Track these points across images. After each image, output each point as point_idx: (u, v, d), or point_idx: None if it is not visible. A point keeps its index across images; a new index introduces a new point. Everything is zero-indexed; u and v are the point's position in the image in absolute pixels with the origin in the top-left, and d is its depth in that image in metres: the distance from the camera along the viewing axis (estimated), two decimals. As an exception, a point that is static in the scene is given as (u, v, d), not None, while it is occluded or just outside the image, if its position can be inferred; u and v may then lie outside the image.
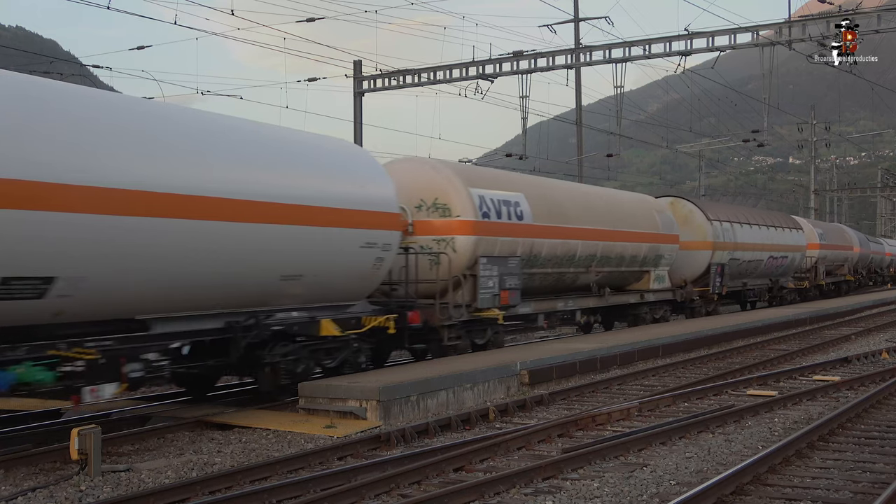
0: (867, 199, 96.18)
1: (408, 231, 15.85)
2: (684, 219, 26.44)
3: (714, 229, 26.85)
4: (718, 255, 26.93)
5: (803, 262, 36.18)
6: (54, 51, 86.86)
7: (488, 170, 20.48)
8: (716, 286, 26.84)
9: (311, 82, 33.21)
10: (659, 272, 24.00)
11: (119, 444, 10.58)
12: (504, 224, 17.25)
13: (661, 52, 27.87)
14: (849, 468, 9.09)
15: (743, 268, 29.30)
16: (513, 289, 17.15)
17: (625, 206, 22.95)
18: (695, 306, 26.62)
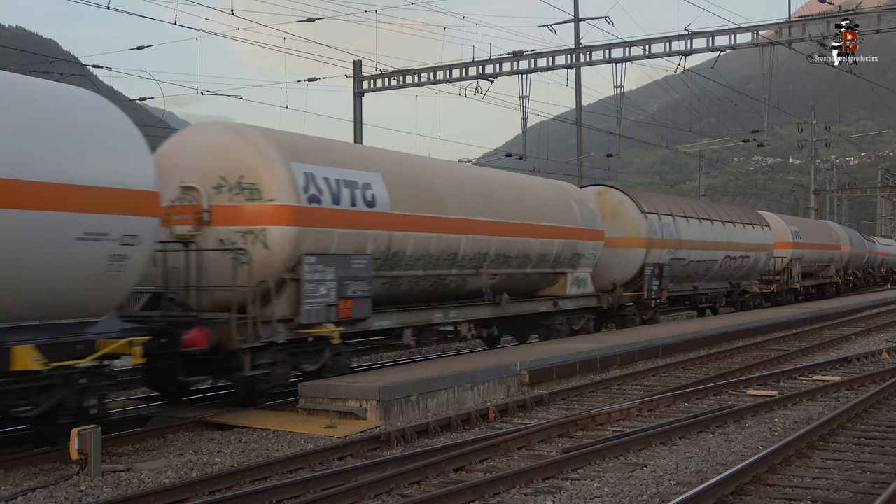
0: (867, 199, 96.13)
1: (202, 220, 12.32)
2: (613, 211, 22.86)
3: (649, 224, 23.10)
4: (655, 254, 23.35)
5: (771, 263, 32.55)
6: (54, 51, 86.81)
7: (327, 140, 14.91)
8: (652, 290, 23.17)
9: (312, 82, 33.22)
10: (578, 274, 20.24)
11: (119, 444, 10.57)
12: (345, 212, 13.31)
13: (661, 52, 27.87)
14: (849, 468, 9.09)
15: (691, 269, 25.85)
16: (359, 297, 13.31)
17: (531, 195, 18.91)
18: (626, 314, 22.87)
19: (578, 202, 20.41)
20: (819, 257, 39.02)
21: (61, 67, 31.82)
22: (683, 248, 24.84)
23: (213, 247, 12.23)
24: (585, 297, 20.71)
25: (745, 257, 29.16)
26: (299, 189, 12.57)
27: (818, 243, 38.92)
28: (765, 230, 31.39)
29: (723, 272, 28.07)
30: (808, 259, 37.14)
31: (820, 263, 39.56)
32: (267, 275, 12.23)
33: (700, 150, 57.08)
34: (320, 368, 13.28)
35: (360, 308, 13.42)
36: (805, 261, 36.39)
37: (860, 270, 49.78)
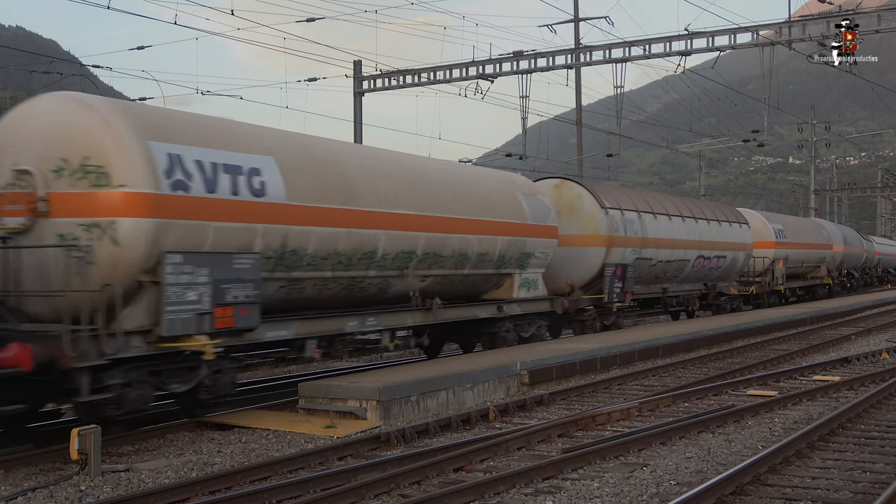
0: (867, 199, 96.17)
1: (35, 210, 10.24)
2: (570, 206, 20.78)
3: (610, 220, 21.07)
4: (617, 254, 21.32)
5: (751, 264, 30.55)
6: (54, 51, 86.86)
7: (205, 117, 12.82)
8: (613, 293, 20.98)
9: (312, 82, 33.22)
10: (528, 276, 18.16)
11: (119, 444, 10.57)
12: (224, 202, 11.22)
13: (661, 52, 27.86)
14: (849, 468, 9.09)
15: (659, 270, 23.77)
16: (243, 303, 11.17)
17: (471, 186, 16.73)
18: (585, 319, 20.87)
19: (528, 195, 18.28)
20: (807, 257, 36.86)
21: (61, 67, 31.84)
22: (650, 246, 22.87)
23: (52, 242, 10.17)
24: (536, 301, 18.58)
25: (720, 257, 27.15)
26: (159, 173, 10.39)
27: (805, 242, 36.66)
28: (743, 228, 29.43)
29: (696, 273, 26.12)
30: (795, 259, 34.92)
31: (808, 264, 37.47)
32: (118, 277, 10.11)
33: (700, 150, 57.10)
34: (194, 388, 11.17)
35: (244, 316, 11.17)
36: (791, 261, 34.28)
37: (858, 270, 48.36)
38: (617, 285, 21.11)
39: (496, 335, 17.45)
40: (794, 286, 36.17)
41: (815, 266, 38.67)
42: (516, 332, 18.02)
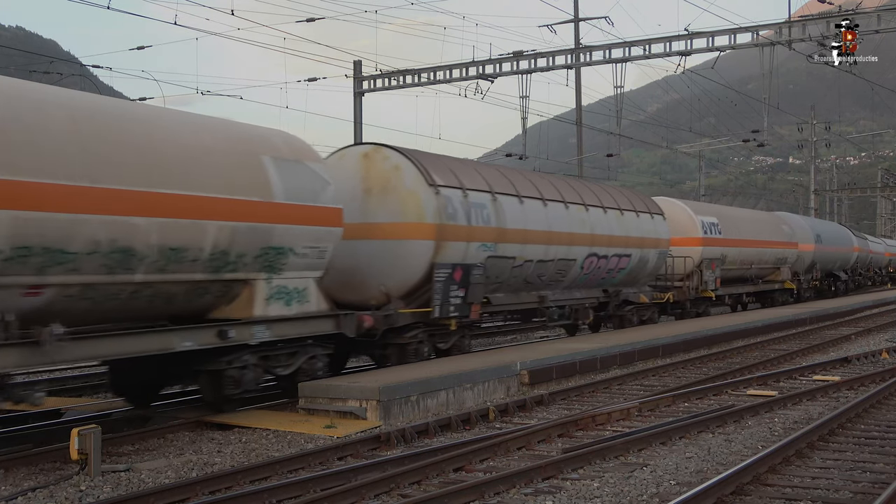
0: (867, 199, 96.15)
1: None
2: (383, 182, 15.13)
3: (442, 202, 15.15)
4: (454, 250, 15.38)
5: (668, 265, 25.22)
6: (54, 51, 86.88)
7: None
8: (449, 305, 15.25)
9: (311, 82, 33.25)
10: (285, 283, 12.41)
11: (119, 444, 10.57)
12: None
13: (661, 52, 27.88)
14: (849, 468, 9.09)
15: (530, 272, 17.92)
16: None
17: (160, 143, 10.83)
18: (407, 343, 14.83)
19: (283, 162, 12.45)
20: (757, 257, 31.02)
21: (61, 67, 31.84)
22: (512, 240, 17.09)
23: None
24: (303, 321, 12.62)
25: (622, 256, 21.52)
26: None
27: (753, 240, 30.50)
28: (657, 220, 23.64)
29: (589, 277, 20.45)
30: (737, 259, 29.18)
31: (761, 265, 31.68)
32: None
33: (700, 150, 57.09)
34: None
35: None
36: (732, 262, 28.65)
37: (848, 272, 44.50)
38: (455, 294, 15.39)
39: (223, 375, 11.73)
40: (739, 291, 30.40)
41: (775, 268, 33.02)
42: (265, 366, 12.40)
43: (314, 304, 12.95)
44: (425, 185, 15.16)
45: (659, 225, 23.77)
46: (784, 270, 33.48)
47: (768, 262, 32.38)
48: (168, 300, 11.07)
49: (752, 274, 31.30)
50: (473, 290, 15.86)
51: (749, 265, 30.66)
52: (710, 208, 30.80)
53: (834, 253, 40.77)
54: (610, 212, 21.34)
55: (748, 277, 31.04)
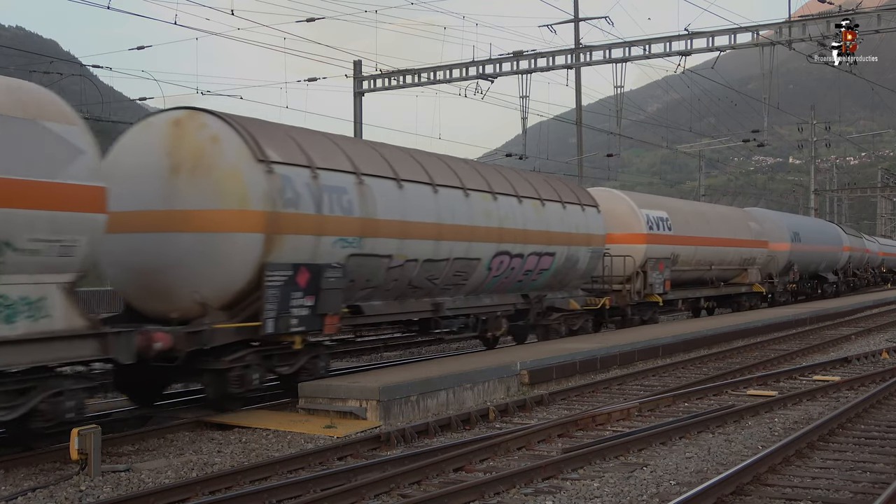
0: (867, 199, 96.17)
1: None
2: (196, 157, 11.83)
3: (273, 184, 11.97)
4: (296, 246, 12.30)
5: (606, 265, 21.56)
6: (54, 51, 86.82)
7: None
8: (288, 318, 12.03)
9: (311, 82, 33.27)
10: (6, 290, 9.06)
11: (119, 444, 10.57)
12: None
13: (661, 52, 27.91)
14: (849, 468, 9.09)
15: (417, 275, 14.81)
16: None
17: None
18: (228, 369, 11.61)
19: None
20: (718, 257, 27.54)
21: (61, 67, 31.83)
22: (385, 234, 13.87)
23: None
24: (37, 344, 9.24)
25: (544, 254, 18.25)
26: None
27: (712, 238, 27.06)
28: (589, 213, 20.25)
29: (501, 279, 17.14)
30: (692, 259, 25.94)
31: (723, 266, 28.21)
32: None
33: (700, 150, 57.11)
34: None
35: None
36: (685, 262, 25.40)
37: (842, 272, 41.90)
38: (299, 302, 12.10)
39: None
40: (695, 296, 27.01)
41: (740, 270, 29.49)
42: None
43: (60, 321, 9.46)
44: (252, 160, 11.71)
45: (591, 219, 20.33)
46: (752, 272, 29.87)
47: (732, 263, 28.74)
48: None
49: (713, 276, 27.77)
50: (327, 298, 12.41)
51: (708, 266, 27.15)
52: (659, 201, 26.70)
53: (816, 253, 36.87)
54: (526, 202, 17.82)
55: (707, 280, 27.52)
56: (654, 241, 23.60)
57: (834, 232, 42.25)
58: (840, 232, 43.14)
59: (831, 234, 41.18)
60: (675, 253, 24.63)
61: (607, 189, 25.47)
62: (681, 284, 25.63)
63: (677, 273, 24.85)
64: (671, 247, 24.47)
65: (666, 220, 24.49)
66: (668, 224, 24.51)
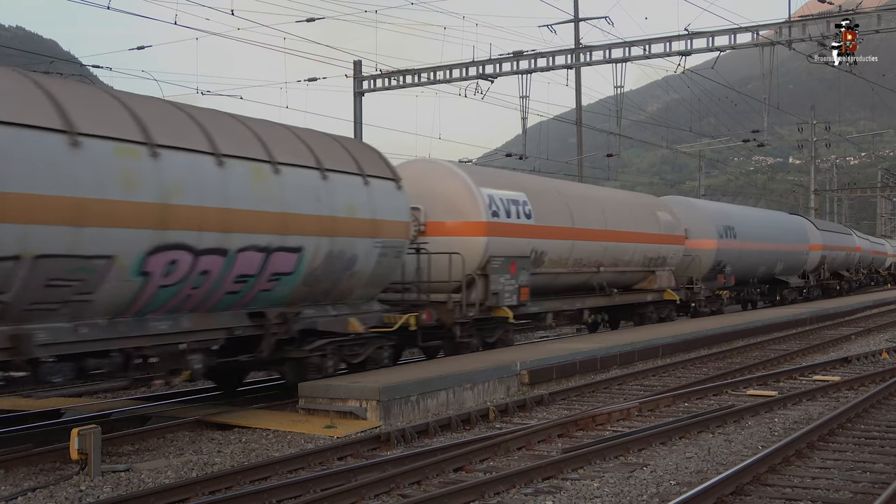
0: (867, 199, 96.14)
1: None
2: None
3: None
4: None
5: (420, 266, 15.77)
6: (54, 51, 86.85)
7: None
8: None
9: (311, 82, 33.27)
10: None
11: (119, 444, 10.57)
12: None
13: (661, 52, 27.89)
14: (849, 468, 9.09)
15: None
16: None
17: None
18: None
19: None
20: (611, 256, 21.05)
21: (61, 67, 31.83)
22: None
23: None
24: None
25: (276, 250, 11.86)
26: None
27: (602, 230, 20.57)
28: (376, 188, 13.91)
29: (182, 291, 10.75)
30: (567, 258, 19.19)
31: (618, 268, 21.65)
32: None
33: (700, 150, 57.11)
34: None
35: None
36: (555, 261, 18.85)
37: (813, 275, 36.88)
38: None
39: None
40: (572, 307, 20.20)
41: (645, 272, 23.26)
42: None
43: None
44: None
45: (383, 197, 13.89)
46: (662, 275, 23.68)
47: (633, 264, 22.33)
48: None
49: (603, 281, 21.11)
50: None
51: (594, 267, 20.49)
52: (514, 179, 19.37)
53: (764, 252, 30.68)
54: (235, 164, 11.29)
55: (594, 286, 20.97)
56: (502, 231, 16.88)
57: (798, 227, 35.44)
58: (808, 227, 36.58)
59: (792, 230, 34.44)
60: (538, 249, 18.09)
61: (429, 160, 18.45)
62: (551, 292, 19.45)
63: (543, 277, 18.63)
64: (531, 241, 17.85)
65: (522, 205, 17.79)
66: (527, 210, 17.84)
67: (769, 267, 31.80)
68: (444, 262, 15.95)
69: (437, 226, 16.52)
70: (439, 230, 16.50)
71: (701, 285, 26.49)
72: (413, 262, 15.76)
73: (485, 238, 16.56)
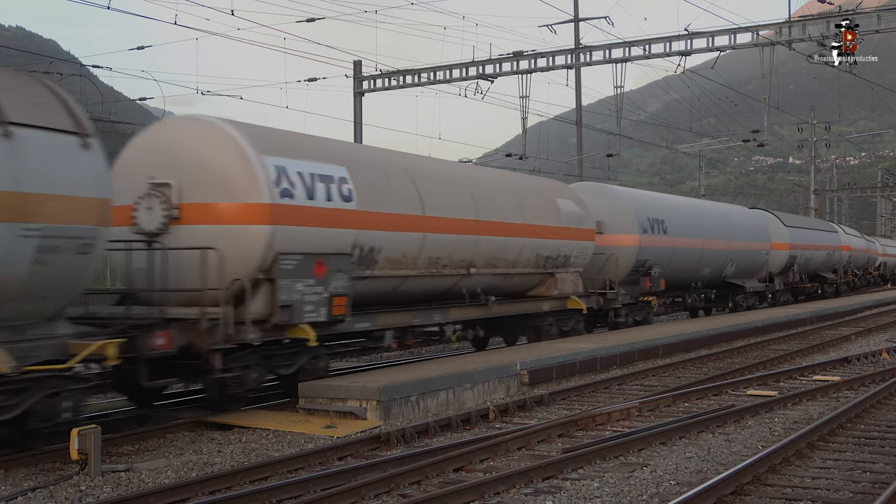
0: (867, 199, 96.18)
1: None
2: None
3: None
4: None
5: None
6: (54, 51, 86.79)
7: None
8: None
9: (311, 82, 33.26)
10: None
11: (119, 444, 10.57)
12: None
13: (661, 52, 27.88)
14: (849, 468, 9.09)
15: None
16: None
17: None
18: None
19: None
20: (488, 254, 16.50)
21: (61, 67, 31.83)
22: None
23: None
24: None
25: None
26: None
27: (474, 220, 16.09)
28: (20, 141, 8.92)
29: None
30: (411, 256, 14.63)
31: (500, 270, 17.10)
32: None
33: (700, 150, 57.13)
34: None
35: None
36: (394, 260, 14.25)
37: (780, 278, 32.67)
38: None
39: None
40: (427, 323, 15.51)
41: (540, 275, 18.52)
42: None
43: None
44: None
45: (46, 159, 9.25)
46: (565, 279, 19.12)
47: (521, 265, 17.62)
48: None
49: (476, 286, 16.36)
50: None
51: (463, 269, 15.78)
52: (326, 147, 14.06)
53: (707, 252, 25.90)
54: None
55: (462, 293, 16.13)
56: (299, 218, 12.38)
57: (758, 223, 30.81)
58: (771, 223, 31.96)
59: (749, 226, 29.71)
60: (367, 244, 13.44)
61: (191, 117, 13.58)
62: (394, 302, 14.83)
63: (378, 282, 14.05)
64: (353, 232, 13.25)
65: (339, 182, 13.16)
66: (346, 190, 13.25)
67: (716, 268, 27.09)
68: (187, 261, 11.37)
69: (199, 210, 11.81)
70: (202, 215, 11.80)
71: (619, 290, 21.44)
72: (142, 261, 11.64)
73: (267, 227, 11.86)
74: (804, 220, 38.95)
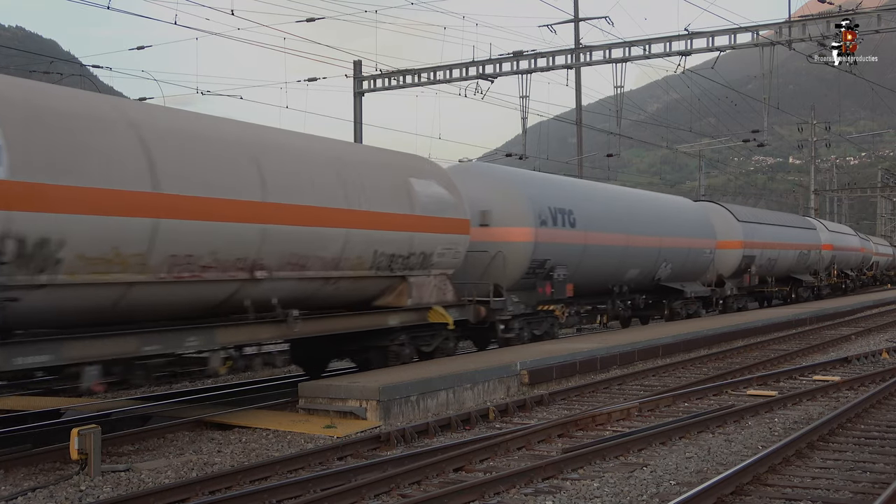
0: (867, 199, 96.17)
1: None
2: None
3: None
4: None
5: None
6: (54, 51, 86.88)
7: None
8: None
9: (311, 82, 33.23)
10: None
11: (119, 444, 10.58)
12: None
13: (661, 52, 27.87)
14: (849, 468, 9.09)
15: None
16: None
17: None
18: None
19: None
20: (287, 252, 11.89)
21: (61, 67, 31.83)
22: None
23: None
24: None
25: None
26: None
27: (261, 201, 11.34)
28: None
29: None
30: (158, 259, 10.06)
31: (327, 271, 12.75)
32: None
33: (700, 150, 57.10)
34: None
35: None
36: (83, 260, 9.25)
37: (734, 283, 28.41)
38: None
39: None
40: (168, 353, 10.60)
41: (387, 280, 14.30)
42: None
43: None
44: None
45: None
46: (424, 285, 14.92)
47: (349, 266, 13.21)
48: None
49: (271, 296, 11.90)
50: None
51: (244, 272, 11.34)
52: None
53: (630, 249, 21.48)
54: None
55: (244, 305, 11.61)
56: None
57: (701, 217, 26.49)
58: (721, 217, 28.09)
59: (690, 221, 25.54)
60: (31, 236, 8.78)
61: None
62: (106, 322, 10.23)
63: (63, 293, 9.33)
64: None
65: None
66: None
67: (646, 270, 22.67)
68: None
69: None
70: None
71: (509, 298, 17.33)
72: None
73: None
74: (768, 215, 33.89)
